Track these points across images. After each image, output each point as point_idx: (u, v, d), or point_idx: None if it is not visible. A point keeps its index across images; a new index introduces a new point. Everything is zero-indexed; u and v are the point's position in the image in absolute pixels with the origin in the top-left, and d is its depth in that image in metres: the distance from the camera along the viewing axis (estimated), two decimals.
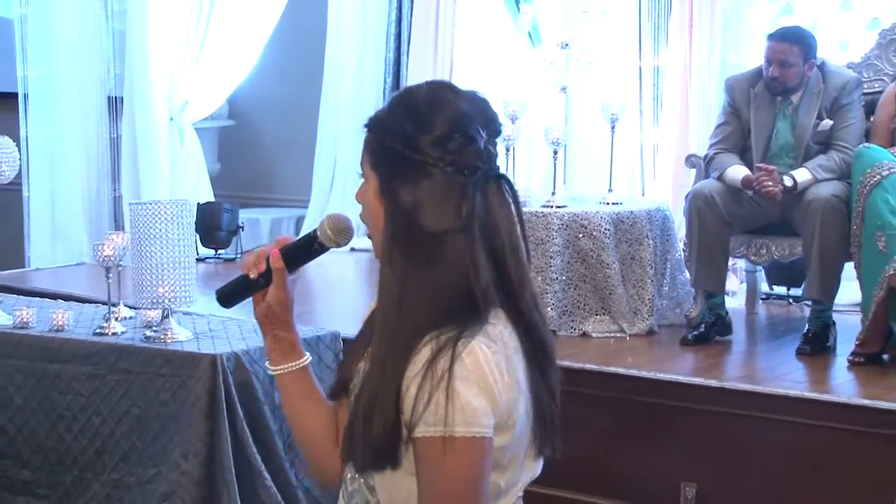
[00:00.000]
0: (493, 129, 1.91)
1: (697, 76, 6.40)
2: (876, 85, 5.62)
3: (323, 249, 2.02)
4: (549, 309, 5.38)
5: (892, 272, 4.80)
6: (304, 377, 2.09)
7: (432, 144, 1.86)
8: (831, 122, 5.34)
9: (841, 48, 6.13)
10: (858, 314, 5.09)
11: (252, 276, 2.03)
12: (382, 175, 1.90)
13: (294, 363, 2.08)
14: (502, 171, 1.93)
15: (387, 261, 1.89)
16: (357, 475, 1.96)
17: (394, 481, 1.87)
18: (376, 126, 1.92)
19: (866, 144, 5.18)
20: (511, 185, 1.91)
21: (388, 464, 1.86)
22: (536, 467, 1.97)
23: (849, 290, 5.31)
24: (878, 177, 4.91)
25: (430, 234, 1.85)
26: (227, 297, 2.07)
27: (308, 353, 2.11)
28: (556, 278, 5.40)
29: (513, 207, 1.91)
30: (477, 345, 1.82)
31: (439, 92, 1.91)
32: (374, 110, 1.98)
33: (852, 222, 5.01)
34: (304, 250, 2.03)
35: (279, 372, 2.09)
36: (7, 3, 7.98)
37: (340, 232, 2.01)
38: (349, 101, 7.54)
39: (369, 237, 1.98)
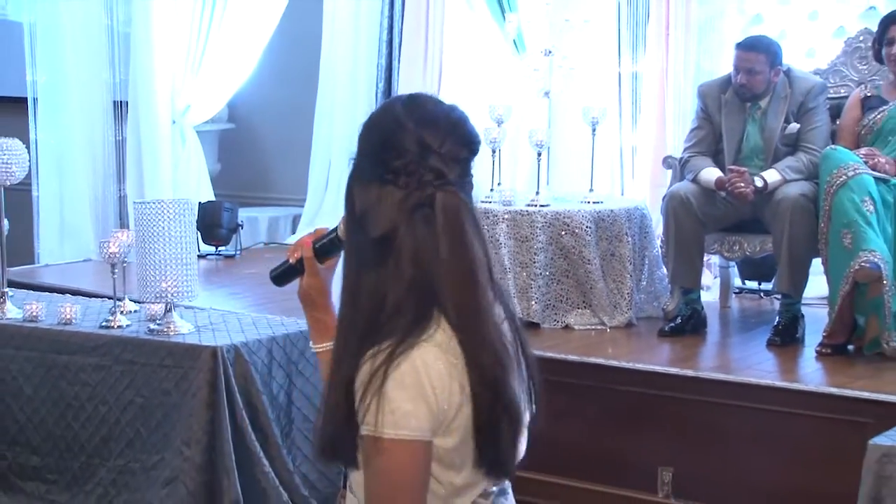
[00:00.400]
0: (461, 147, 1.88)
1: (673, 82, 6.41)
2: (842, 90, 5.63)
3: (342, 243, 2.04)
4: (533, 302, 5.40)
5: (856, 268, 4.81)
6: None
7: (372, 157, 1.88)
8: (798, 126, 5.35)
9: (808, 55, 6.14)
10: (825, 307, 5.10)
11: (292, 261, 2.08)
12: (350, 175, 1.93)
13: (330, 343, 2.06)
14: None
15: (345, 264, 1.92)
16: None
17: (360, 480, 1.89)
18: (361, 129, 1.95)
19: (833, 146, 5.19)
20: (465, 190, 1.88)
21: (339, 458, 1.89)
22: (480, 481, 1.93)
23: (816, 284, 5.32)
24: (843, 177, 4.92)
25: (374, 240, 1.86)
26: (277, 278, 2.14)
27: None
28: (540, 273, 5.41)
29: (466, 216, 1.86)
30: (417, 352, 1.81)
31: (408, 110, 1.89)
32: (367, 114, 1.98)
33: (819, 220, 5.02)
34: (329, 243, 2.07)
35: (319, 350, 2.12)
36: (17, 6, 7.95)
37: None
38: (343, 106, 7.54)
39: None
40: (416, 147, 1.85)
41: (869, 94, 5.41)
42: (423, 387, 1.80)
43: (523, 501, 4.79)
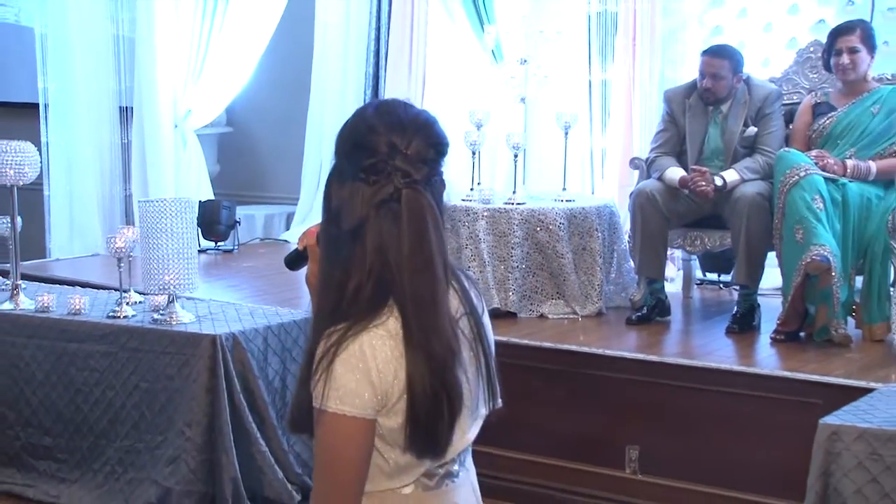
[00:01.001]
0: (419, 145, 1.87)
1: (640, 89, 6.41)
2: (794, 97, 5.64)
3: None
4: (510, 294, 5.40)
5: (808, 260, 4.82)
6: None
7: (346, 157, 1.88)
8: (756, 129, 5.36)
9: (764, 65, 6.15)
10: (779, 297, 5.11)
11: (300, 248, 2.07)
12: (329, 173, 1.93)
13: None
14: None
15: (320, 254, 1.93)
16: None
17: None
18: (339, 131, 1.96)
19: (786, 149, 5.19)
20: (424, 195, 1.86)
21: (303, 429, 1.89)
22: (421, 460, 1.89)
23: (771, 276, 5.32)
24: (796, 177, 4.93)
25: (345, 233, 1.86)
26: (289, 263, 2.12)
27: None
28: (517, 266, 5.42)
29: (429, 212, 1.86)
30: (367, 336, 1.82)
31: (381, 115, 1.90)
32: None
33: (774, 217, 5.03)
34: None
35: None
36: (28, 13, 7.92)
37: None
38: (333, 111, 7.53)
39: None
40: (385, 147, 1.85)
41: (819, 101, 5.42)
42: (368, 368, 1.80)
43: (501, 478, 4.83)
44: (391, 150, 1.85)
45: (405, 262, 1.84)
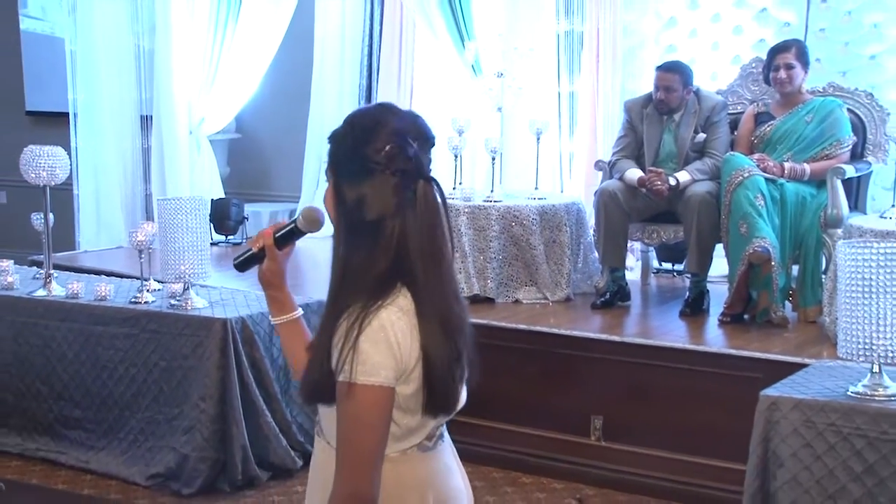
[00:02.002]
0: (424, 140, 1.88)
1: (603, 99, 6.41)
2: (738, 107, 5.64)
3: (301, 233, 2.03)
4: (488, 281, 5.40)
5: (751, 251, 4.85)
6: (297, 327, 2.10)
7: (373, 152, 1.83)
8: (704, 136, 5.37)
9: (712, 78, 6.16)
10: (726, 284, 5.11)
11: (254, 250, 2.05)
12: (335, 176, 1.89)
13: (288, 316, 2.09)
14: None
15: (337, 242, 1.88)
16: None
17: (327, 413, 1.89)
18: (332, 139, 1.90)
19: (731, 153, 5.21)
20: (438, 186, 1.87)
21: (321, 400, 1.87)
22: (429, 421, 1.91)
23: (718, 265, 5.32)
24: (740, 178, 4.95)
25: (368, 222, 1.83)
26: (240, 265, 2.10)
27: (301, 309, 2.10)
28: (495, 257, 5.42)
29: (440, 203, 1.86)
30: (385, 313, 1.80)
31: (379, 112, 1.89)
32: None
33: (721, 213, 5.04)
34: (288, 233, 2.04)
35: (277, 322, 2.10)
36: (62, 27, 7.89)
37: (311, 222, 2.02)
38: (331, 119, 7.50)
39: None
40: (404, 143, 1.84)
41: (760, 111, 5.44)
42: (389, 341, 1.79)
43: (481, 445, 4.84)
44: (407, 146, 1.84)
45: (424, 248, 1.84)
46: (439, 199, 1.86)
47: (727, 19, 6.30)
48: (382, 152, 1.83)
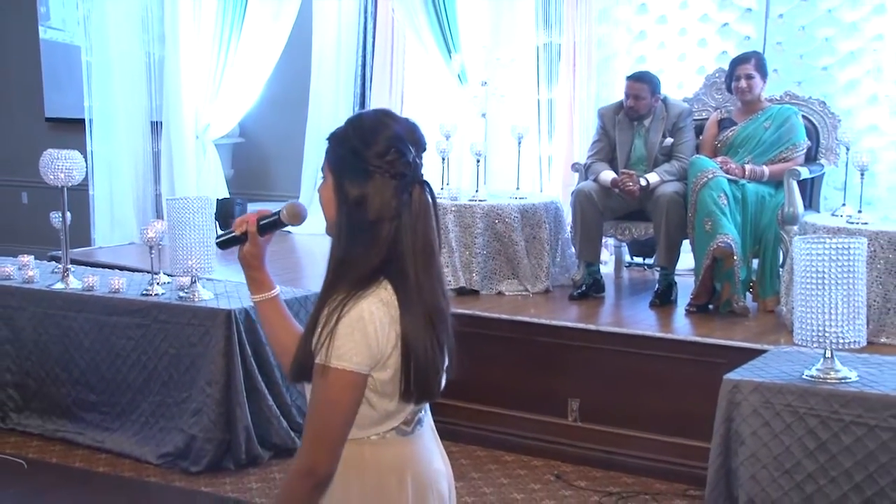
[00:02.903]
0: (420, 146, 1.86)
1: (579, 106, 6.40)
2: (703, 114, 5.65)
3: (283, 225, 2.01)
4: (474, 275, 5.40)
5: (715, 247, 4.86)
6: (276, 306, 2.06)
7: (374, 156, 1.81)
8: (672, 140, 5.38)
9: (678, 87, 6.15)
10: (692, 276, 5.12)
11: (237, 233, 2.02)
12: (336, 175, 1.85)
13: (266, 294, 2.04)
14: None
15: (336, 237, 1.85)
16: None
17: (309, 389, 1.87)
18: (333, 139, 1.87)
19: (697, 156, 5.22)
20: (430, 189, 1.86)
21: (305, 378, 1.85)
22: (406, 405, 1.88)
23: (685, 259, 5.33)
24: (705, 179, 4.96)
25: (367, 222, 1.81)
26: (222, 243, 2.07)
27: (278, 287, 2.05)
28: (479, 252, 5.42)
29: (431, 204, 1.86)
30: (364, 303, 1.78)
31: (381, 117, 1.87)
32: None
33: (688, 211, 5.04)
34: (270, 223, 2.02)
35: (257, 300, 2.06)
36: (80, 37, 7.88)
37: (293, 216, 2.00)
38: (328, 124, 7.42)
39: None
40: (398, 145, 1.82)
41: (723, 117, 5.45)
42: (366, 329, 1.78)
43: (466, 426, 4.85)
44: (407, 151, 1.83)
45: (417, 247, 1.83)
46: (431, 201, 1.86)
47: (692, 33, 6.31)
48: (384, 157, 1.81)
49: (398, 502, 1.88)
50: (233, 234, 2.04)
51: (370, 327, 1.78)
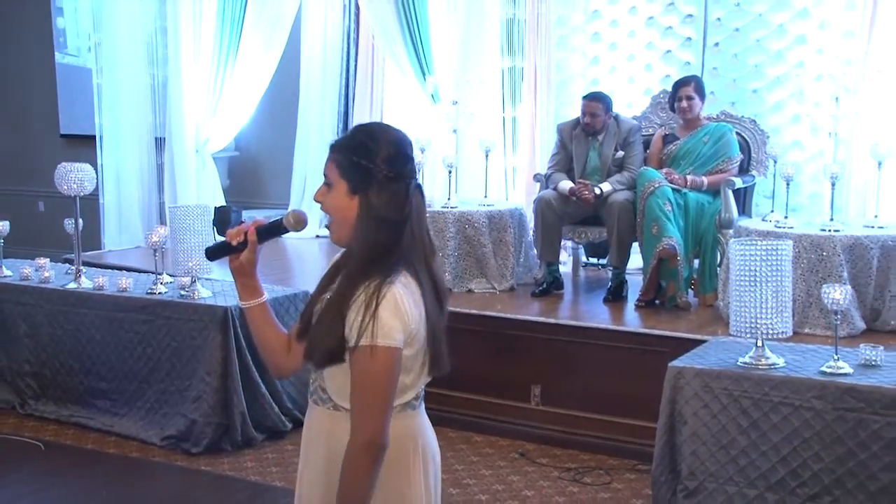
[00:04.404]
0: (413, 154, 1.91)
1: (540, 123, 6.41)
2: (650, 130, 5.67)
3: (283, 231, 1.97)
4: (447, 274, 5.37)
5: (661, 248, 4.89)
6: (265, 310, 2.01)
7: (389, 161, 1.83)
8: (623, 153, 5.40)
9: (628, 106, 6.18)
10: (641, 275, 5.14)
11: (234, 243, 1.95)
12: (353, 181, 1.84)
13: (257, 300, 2.00)
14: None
15: (361, 235, 1.84)
16: (315, 376, 1.91)
17: (337, 373, 1.84)
18: (344, 148, 1.86)
19: (645, 168, 5.24)
20: (423, 191, 1.90)
21: (334, 362, 1.83)
22: (426, 378, 1.91)
23: (635, 259, 5.36)
24: (652, 188, 4.99)
25: (391, 221, 1.83)
26: (212, 253, 2.01)
27: (266, 294, 2.01)
28: (451, 254, 5.42)
29: (424, 205, 1.90)
30: (395, 287, 1.79)
31: (387, 128, 1.89)
32: (334, 140, 1.93)
33: (637, 217, 5.08)
34: (272, 230, 1.97)
35: (247, 306, 2.00)
36: (90, 58, 7.84)
37: (298, 222, 1.96)
38: (315, 139, 7.46)
39: (328, 227, 1.93)
40: (406, 150, 1.86)
41: (667, 133, 5.48)
42: (400, 310, 1.78)
43: (440, 410, 4.86)
44: (412, 156, 1.88)
45: (425, 239, 1.87)
46: (423, 199, 1.90)
47: (640, 59, 6.35)
48: (397, 161, 1.84)
49: (413, 467, 1.89)
50: (226, 243, 1.97)
51: (403, 307, 1.79)
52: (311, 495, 1.92)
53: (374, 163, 1.82)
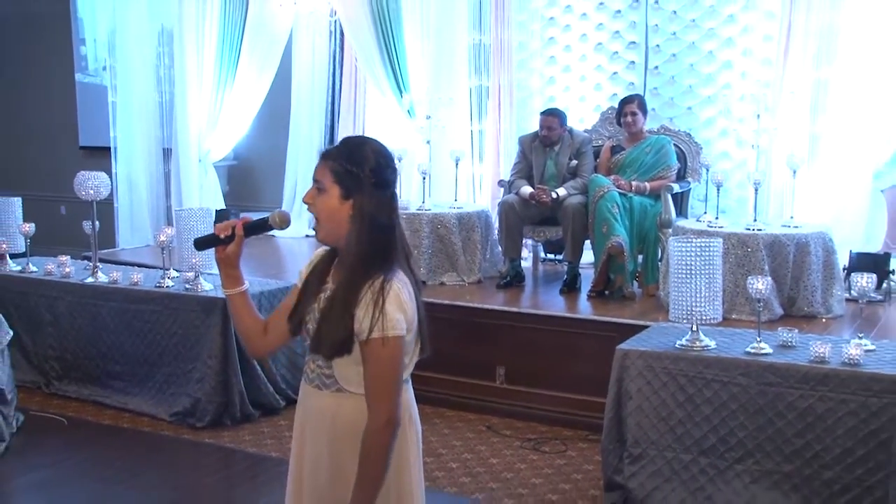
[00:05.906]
0: (395, 165, 1.90)
1: (503, 135, 6.42)
2: (599, 142, 5.69)
3: (269, 228, 1.92)
4: (421, 269, 5.37)
5: (609, 245, 4.91)
6: (245, 298, 1.97)
7: (380, 170, 1.82)
8: (576, 162, 5.42)
9: (580, 121, 6.20)
10: (592, 269, 5.16)
11: (222, 236, 1.90)
12: (345, 187, 1.81)
13: (238, 288, 1.96)
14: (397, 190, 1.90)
15: (356, 238, 1.81)
16: (315, 365, 1.88)
17: (346, 363, 1.82)
18: (337, 156, 1.82)
19: (595, 175, 5.26)
20: (397, 198, 1.91)
21: (342, 353, 1.81)
22: (416, 358, 1.91)
23: (587, 255, 5.36)
24: (602, 193, 5.01)
25: (382, 224, 1.82)
26: (201, 244, 1.96)
27: (247, 283, 1.97)
28: (425, 251, 5.40)
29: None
30: (396, 283, 1.79)
31: (374, 142, 1.86)
32: (324, 149, 1.91)
33: (588, 218, 5.08)
34: (258, 227, 1.92)
35: (230, 293, 1.96)
36: (103, 78, 7.77)
37: (282, 221, 1.93)
38: (305, 149, 7.44)
39: (314, 228, 1.90)
40: (392, 160, 1.86)
41: (615, 145, 5.50)
42: (402, 303, 1.78)
43: (415, 388, 4.85)
44: (395, 171, 1.88)
45: (405, 240, 1.89)
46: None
47: (590, 80, 6.39)
48: (386, 170, 1.83)
49: (409, 435, 1.91)
50: (214, 236, 1.91)
51: (405, 299, 1.79)
52: (317, 468, 1.89)
53: (363, 171, 1.80)
